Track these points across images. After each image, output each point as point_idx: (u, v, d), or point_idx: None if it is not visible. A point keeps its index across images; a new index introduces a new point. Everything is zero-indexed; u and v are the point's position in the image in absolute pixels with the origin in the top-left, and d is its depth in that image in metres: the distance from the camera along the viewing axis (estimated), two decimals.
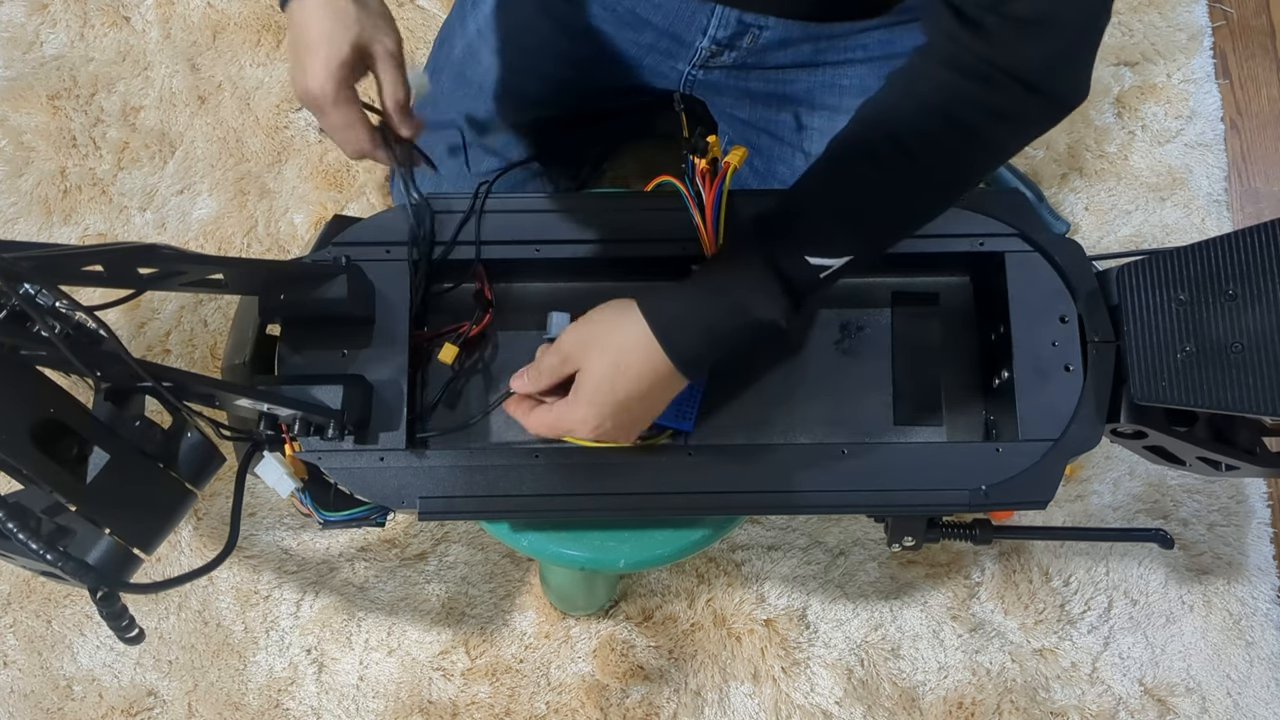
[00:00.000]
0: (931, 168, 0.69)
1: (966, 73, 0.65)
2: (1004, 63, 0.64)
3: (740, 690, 1.12)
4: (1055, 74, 0.65)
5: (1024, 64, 0.64)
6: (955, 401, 0.87)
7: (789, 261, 0.70)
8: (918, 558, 1.15)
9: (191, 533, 1.16)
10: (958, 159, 0.69)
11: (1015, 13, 0.61)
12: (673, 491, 0.79)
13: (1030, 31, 0.62)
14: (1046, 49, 0.63)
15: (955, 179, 0.71)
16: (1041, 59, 0.64)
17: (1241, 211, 1.28)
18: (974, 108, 0.66)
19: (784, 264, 0.70)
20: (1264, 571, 1.16)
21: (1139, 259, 0.79)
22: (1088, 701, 1.12)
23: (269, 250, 1.24)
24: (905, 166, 0.69)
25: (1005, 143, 0.70)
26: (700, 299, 0.73)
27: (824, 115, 0.98)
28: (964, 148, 0.68)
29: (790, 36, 0.94)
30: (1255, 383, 0.71)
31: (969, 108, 0.66)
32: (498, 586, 1.14)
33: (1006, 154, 0.72)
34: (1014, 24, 0.62)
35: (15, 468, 0.59)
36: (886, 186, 0.70)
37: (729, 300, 0.72)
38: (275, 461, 0.76)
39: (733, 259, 0.73)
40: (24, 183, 1.26)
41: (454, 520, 1.13)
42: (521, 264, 0.85)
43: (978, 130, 0.67)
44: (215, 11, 1.31)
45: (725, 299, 0.72)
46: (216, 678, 1.13)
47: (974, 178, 0.72)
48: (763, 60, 0.97)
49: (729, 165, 0.80)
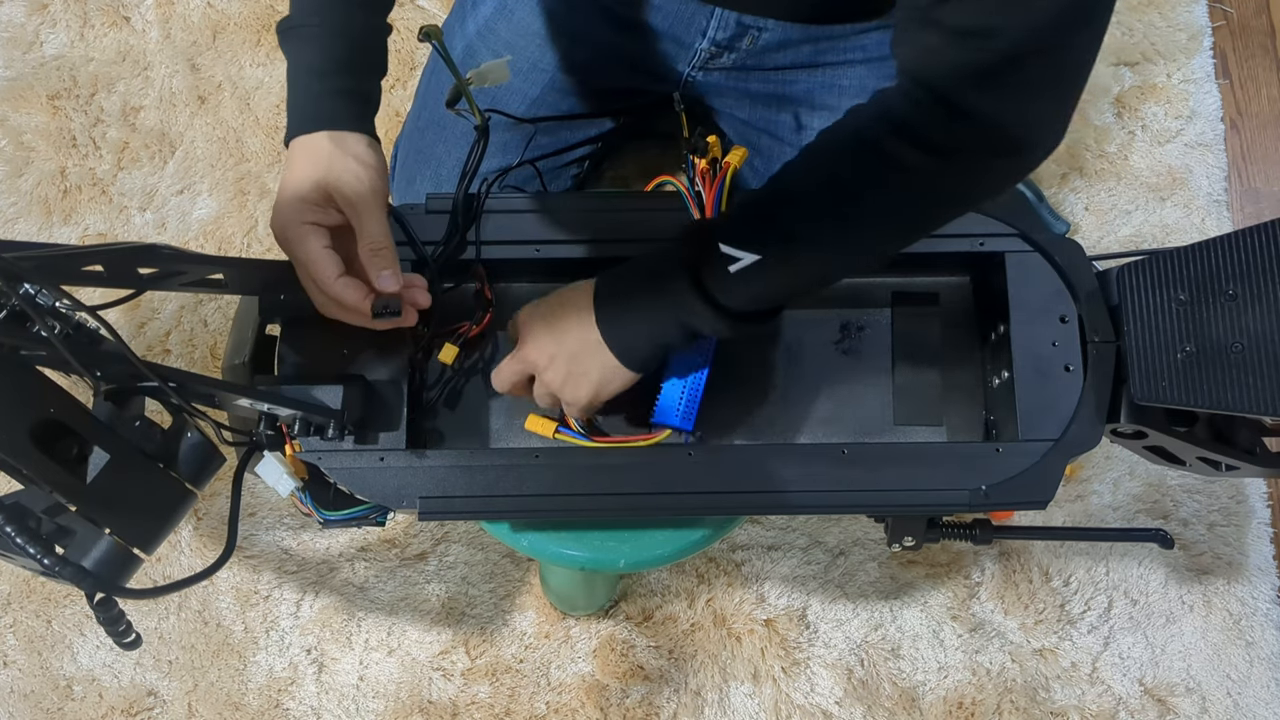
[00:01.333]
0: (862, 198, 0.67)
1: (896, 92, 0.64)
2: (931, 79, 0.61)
3: (740, 690, 1.12)
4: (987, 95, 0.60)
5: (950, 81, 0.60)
6: (955, 401, 0.87)
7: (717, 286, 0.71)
8: (918, 558, 1.15)
9: (191, 533, 1.16)
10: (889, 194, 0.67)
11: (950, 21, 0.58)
12: (673, 491, 0.79)
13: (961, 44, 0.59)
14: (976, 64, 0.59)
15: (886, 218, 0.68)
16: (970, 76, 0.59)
17: (1241, 211, 1.28)
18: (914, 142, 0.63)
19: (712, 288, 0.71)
20: (1264, 571, 1.16)
21: (1139, 259, 0.79)
22: (1088, 701, 1.12)
23: (269, 250, 1.24)
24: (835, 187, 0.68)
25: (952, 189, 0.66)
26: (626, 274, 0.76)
27: (824, 115, 0.98)
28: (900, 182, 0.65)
29: (790, 38, 0.94)
30: (1255, 383, 0.71)
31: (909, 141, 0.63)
32: (498, 586, 1.14)
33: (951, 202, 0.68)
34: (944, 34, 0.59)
35: (15, 468, 0.59)
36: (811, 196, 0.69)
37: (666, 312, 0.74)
38: (275, 461, 0.76)
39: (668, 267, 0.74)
40: (24, 183, 1.26)
41: (454, 520, 1.13)
42: (521, 264, 0.85)
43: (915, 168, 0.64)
44: (215, 11, 1.31)
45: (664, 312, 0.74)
46: (216, 678, 1.13)
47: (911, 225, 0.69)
48: (762, 61, 0.97)
49: (729, 165, 0.80)
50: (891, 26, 0.89)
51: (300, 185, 0.72)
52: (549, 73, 0.98)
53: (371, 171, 0.74)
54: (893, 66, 0.76)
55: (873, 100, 0.68)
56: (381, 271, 0.73)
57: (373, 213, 0.73)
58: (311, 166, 0.73)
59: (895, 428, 0.87)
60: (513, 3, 0.98)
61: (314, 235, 0.73)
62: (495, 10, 0.99)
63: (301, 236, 0.73)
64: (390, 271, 0.73)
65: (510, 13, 0.98)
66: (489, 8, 0.99)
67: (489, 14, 0.99)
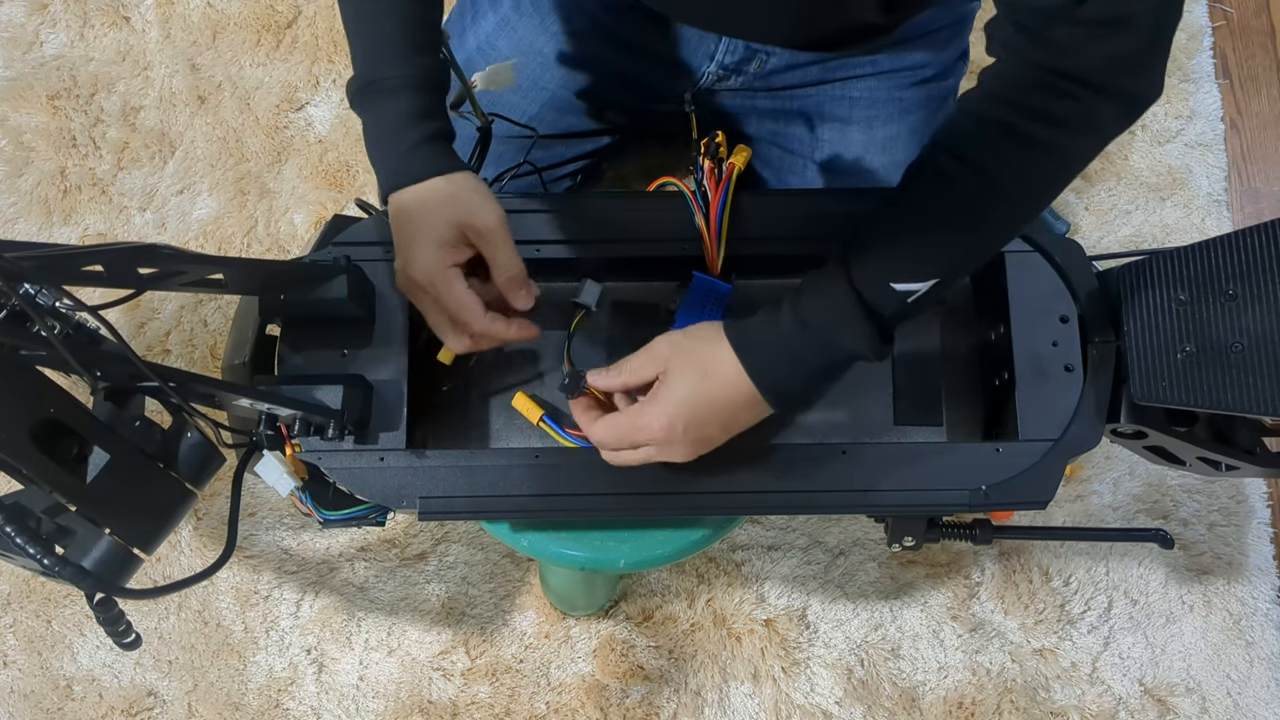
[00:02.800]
0: (1003, 183, 0.68)
1: (1035, 86, 0.64)
2: (1074, 70, 0.63)
3: (740, 690, 1.12)
4: (1129, 75, 0.64)
5: (1096, 69, 0.63)
6: (955, 401, 0.87)
7: (874, 292, 0.69)
8: (918, 558, 1.15)
9: (191, 533, 1.16)
10: (1029, 172, 0.68)
11: (1089, 16, 0.60)
12: (673, 492, 0.79)
13: (1103, 35, 0.61)
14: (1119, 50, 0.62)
15: (1031, 192, 0.70)
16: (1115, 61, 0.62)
17: (1241, 211, 1.28)
18: (1044, 120, 0.65)
19: (869, 295, 0.69)
20: (1264, 571, 1.16)
21: (1139, 259, 0.79)
22: (1088, 701, 1.12)
23: (269, 250, 1.24)
24: (977, 185, 0.68)
25: (1081, 150, 0.68)
26: (787, 331, 0.71)
27: (834, 127, 0.97)
28: (1033, 160, 0.67)
29: (798, 60, 0.94)
30: (1255, 383, 0.71)
31: (1039, 121, 0.65)
32: (498, 586, 1.14)
33: (1084, 160, 0.69)
34: (1086, 29, 0.61)
35: (15, 468, 0.59)
36: (960, 207, 0.69)
37: (816, 334, 0.70)
38: (275, 460, 0.76)
39: (818, 288, 0.71)
40: (24, 183, 1.26)
41: (454, 520, 1.13)
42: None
43: (1045, 141, 0.66)
44: (215, 11, 1.31)
45: (812, 333, 0.70)
46: (216, 678, 1.13)
47: (1052, 188, 0.70)
48: (770, 82, 0.97)
49: (733, 167, 0.80)
50: (902, 43, 0.89)
51: (435, 230, 0.73)
52: (549, 90, 0.97)
53: (495, 202, 0.75)
54: (905, 78, 0.76)
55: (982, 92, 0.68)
56: (518, 293, 0.76)
57: (506, 241, 0.75)
58: (440, 211, 0.73)
59: (895, 428, 0.87)
60: (515, 19, 0.97)
61: (458, 278, 0.74)
62: (497, 26, 0.98)
63: (449, 281, 0.73)
64: (526, 290, 0.76)
65: (512, 29, 0.97)
66: (490, 24, 0.98)
67: (490, 30, 0.98)
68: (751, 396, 0.72)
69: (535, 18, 0.96)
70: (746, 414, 0.73)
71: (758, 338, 0.72)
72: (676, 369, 0.72)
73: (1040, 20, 0.62)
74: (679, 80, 0.97)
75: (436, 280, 0.73)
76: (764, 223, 0.83)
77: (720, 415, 0.72)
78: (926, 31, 0.93)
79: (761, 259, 0.85)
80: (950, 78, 0.99)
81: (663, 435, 0.72)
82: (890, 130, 0.97)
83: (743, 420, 0.74)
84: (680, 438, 0.72)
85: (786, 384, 0.72)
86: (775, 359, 0.71)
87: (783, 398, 0.72)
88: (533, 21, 0.96)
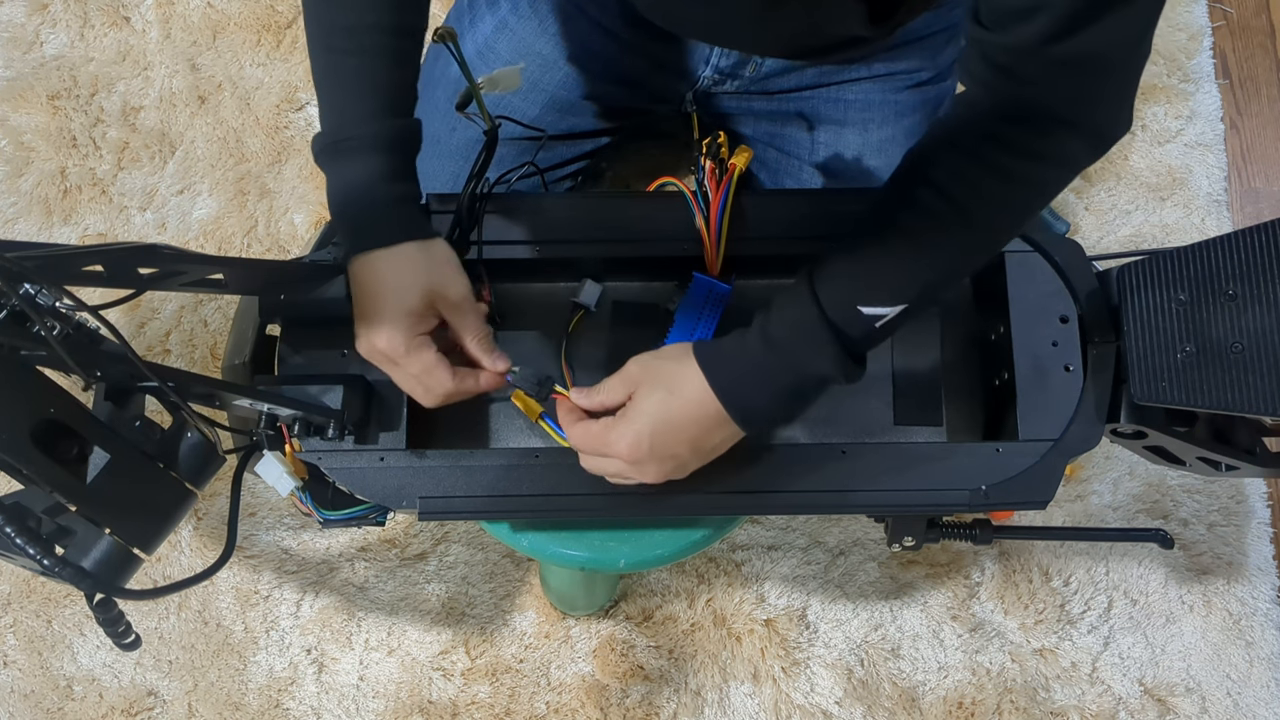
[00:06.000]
0: (970, 211, 0.68)
1: (1006, 118, 0.65)
2: (1044, 105, 0.64)
3: (740, 690, 1.12)
4: (1099, 110, 0.65)
5: (1066, 104, 0.63)
6: (955, 401, 0.87)
7: (840, 314, 0.69)
8: (918, 558, 1.15)
9: (191, 533, 1.16)
10: (997, 201, 0.68)
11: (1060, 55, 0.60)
12: (673, 492, 0.79)
13: (1074, 72, 0.62)
14: (1089, 88, 0.63)
15: (998, 221, 0.70)
16: (1085, 97, 0.63)
17: (1241, 211, 1.28)
18: (1014, 152, 0.66)
19: (835, 316, 0.69)
20: (1264, 571, 1.16)
21: (1139, 259, 0.79)
22: (1088, 701, 1.12)
23: (269, 250, 1.24)
24: (944, 210, 0.68)
25: (1049, 181, 0.69)
26: (753, 349, 0.71)
27: (830, 129, 0.98)
28: (1001, 189, 0.67)
29: (793, 65, 0.94)
30: (1255, 383, 0.71)
31: (1009, 153, 0.66)
32: (498, 586, 1.14)
33: (1052, 192, 0.70)
34: (1057, 66, 0.61)
35: (15, 468, 0.59)
36: (927, 231, 0.69)
37: (782, 354, 0.70)
38: (275, 460, 0.76)
39: (785, 307, 0.71)
40: (24, 183, 1.26)
41: (454, 520, 1.13)
42: (521, 264, 0.85)
43: (1020, 173, 0.66)
44: (215, 11, 1.31)
45: (778, 352, 0.70)
46: (216, 678, 1.13)
47: (1019, 219, 0.71)
48: (766, 86, 0.97)
49: (734, 167, 0.80)
50: (895, 48, 0.89)
51: (404, 299, 0.71)
52: (549, 92, 0.97)
53: (463, 273, 0.75)
54: (900, 81, 0.76)
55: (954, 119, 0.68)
56: (490, 356, 0.75)
57: (474, 310, 0.75)
58: (411, 277, 0.72)
59: (895, 428, 0.87)
60: (514, 21, 0.97)
61: (427, 346, 0.73)
62: (495, 29, 0.97)
63: (418, 349, 0.72)
64: (497, 353, 0.76)
65: (511, 31, 0.97)
66: (488, 26, 0.98)
67: (489, 33, 0.98)
68: (718, 414, 0.71)
69: (534, 20, 0.96)
70: (715, 433, 0.72)
71: (724, 355, 0.72)
72: (645, 388, 0.72)
73: (1012, 57, 0.62)
74: (677, 82, 0.98)
75: (406, 349, 0.72)
76: (764, 223, 0.83)
77: (688, 433, 0.72)
78: (921, 36, 0.94)
79: (761, 259, 0.85)
80: (945, 81, 0.99)
81: (628, 452, 0.71)
82: (886, 133, 0.97)
83: (712, 440, 0.73)
84: (647, 455, 0.71)
85: (751, 401, 0.71)
86: (741, 377, 0.71)
87: (749, 415, 0.71)
88: (531, 24, 0.96)
